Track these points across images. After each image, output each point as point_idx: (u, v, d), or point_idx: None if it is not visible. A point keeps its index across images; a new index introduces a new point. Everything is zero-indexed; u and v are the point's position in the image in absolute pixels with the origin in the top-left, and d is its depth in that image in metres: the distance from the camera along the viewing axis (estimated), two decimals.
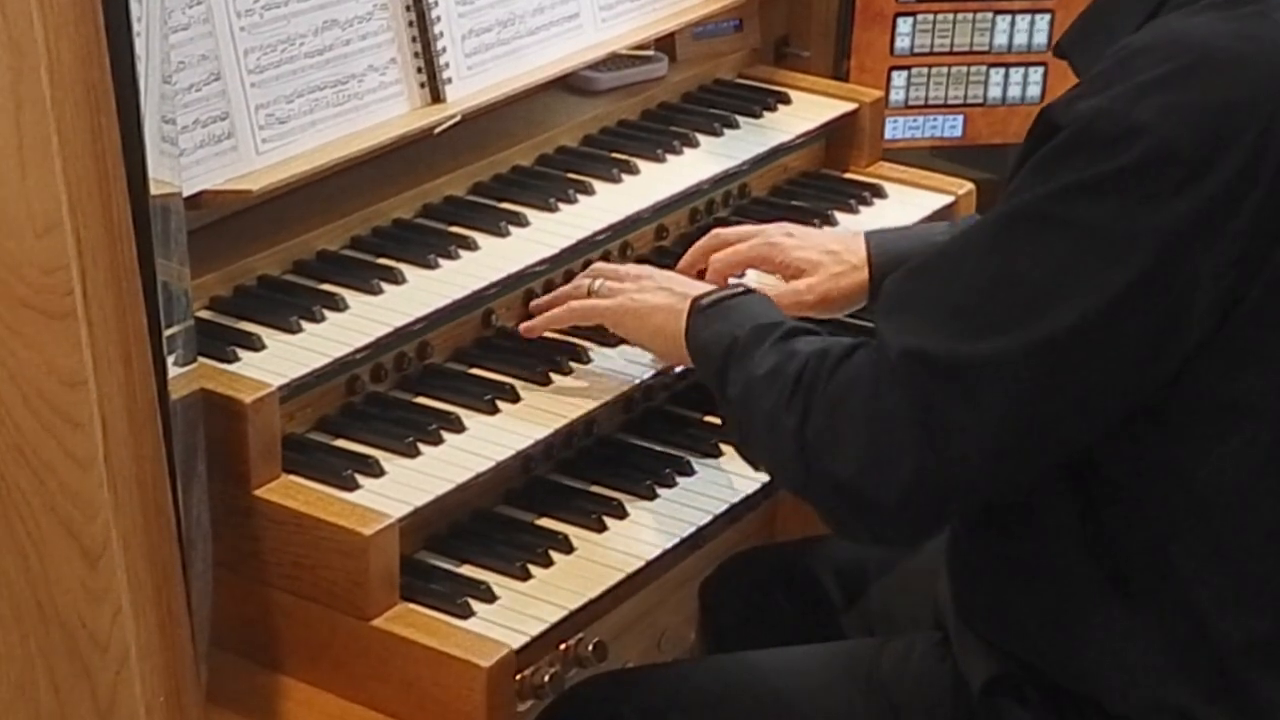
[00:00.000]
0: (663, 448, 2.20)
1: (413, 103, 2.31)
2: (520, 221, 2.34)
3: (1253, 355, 1.68)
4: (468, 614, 1.93)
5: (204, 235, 2.14)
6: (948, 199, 2.65)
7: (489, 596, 1.96)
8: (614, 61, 2.64)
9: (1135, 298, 1.64)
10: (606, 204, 2.41)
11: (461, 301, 2.20)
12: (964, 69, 3.03)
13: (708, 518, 2.09)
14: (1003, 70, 3.05)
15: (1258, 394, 1.69)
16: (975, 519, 1.85)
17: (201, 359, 1.96)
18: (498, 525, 2.08)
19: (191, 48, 2.07)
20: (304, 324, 2.11)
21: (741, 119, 2.66)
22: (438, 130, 2.33)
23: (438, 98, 2.32)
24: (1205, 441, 1.70)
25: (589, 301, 2.14)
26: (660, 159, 2.52)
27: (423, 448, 2.05)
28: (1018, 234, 1.69)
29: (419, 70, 2.31)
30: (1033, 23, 3.02)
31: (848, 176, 2.71)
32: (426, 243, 2.27)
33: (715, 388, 1.93)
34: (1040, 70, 3.04)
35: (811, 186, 2.67)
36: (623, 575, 2.00)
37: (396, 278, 2.20)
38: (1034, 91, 3.05)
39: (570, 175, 2.46)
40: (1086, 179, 1.64)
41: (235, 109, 2.12)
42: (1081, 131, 1.65)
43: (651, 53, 2.71)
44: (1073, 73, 1.83)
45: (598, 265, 2.22)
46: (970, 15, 3.01)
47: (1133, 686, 1.78)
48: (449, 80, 2.32)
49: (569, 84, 2.62)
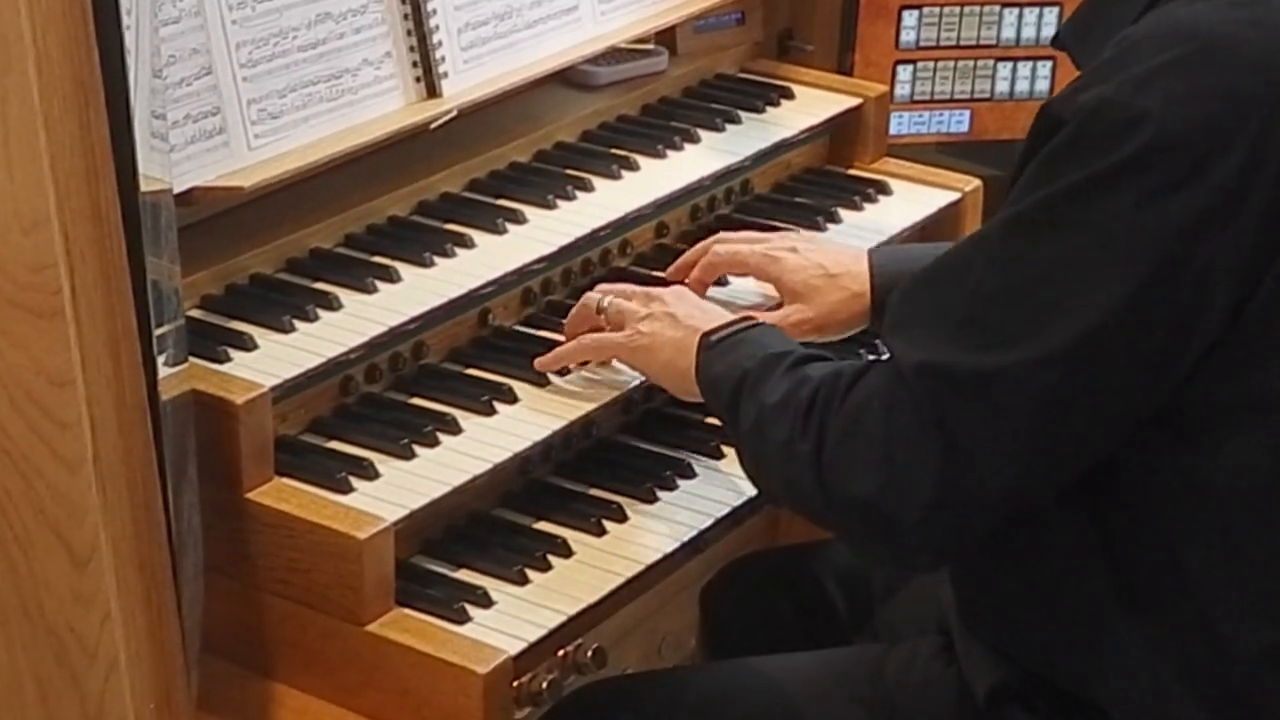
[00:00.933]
0: (663, 450, 2.20)
1: (408, 98, 2.31)
2: (518, 219, 2.34)
3: (1262, 353, 1.67)
4: (464, 619, 1.93)
5: (195, 232, 2.14)
6: (954, 196, 2.65)
7: (486, 601, 1.96)
8: (613, 55, 2.64)
9: (1151, 294, 1.64)
10: (606, 201, 2.41)
11: (458, 300, 2.20)
12: (971, 63, 3.03)
13: (709, 521, 2.09)
14: (1010, 64, 3.04)
15: (1269, 392, 1.68)
16: None
17: (192, 359, 1.96)
18: (495, 529, 2.08)
19: (182, 41, 2.07)
20: (297, 323, 2.11)
21: (744, 114, 2.66)
22: (434, 126, 2.33)
23: (433, 92, 2.32)
24: (1215, 443, 1.70)
25: (598, 336, 2.14)
26: (661, 155, 2.52)
27: (418, 450, 2.05)
28: (1026, 237, 1.68)
29: (414, 64, 2.31)
30: (1041, 16, 3.02)
31: (852, 173, 2.71)
32: (422, 241, 2.27)
33: (727, 422, 1.94)
34: (1049, 64, 3.04)
35: (815, 183, 2.67)
36: (622, 580, 2.00)
37: (391, 276, 2.20)
38: (1042, 86, 3.05)
39: (569, 172, 2.46)
40: (1092, 175, 1.64)
41: (227, 104, 2.12)
42: (1084, 124, 1.65)
43: (652, 46, 2.71)
44: (1073, 65, 1.83)
45: (602, 286, 2.20)
46: (977, 8, 3.01)
47: (1141, 696, 1.78)
48: (445, 75, 2.32)
49: (567, 78, 2.62)
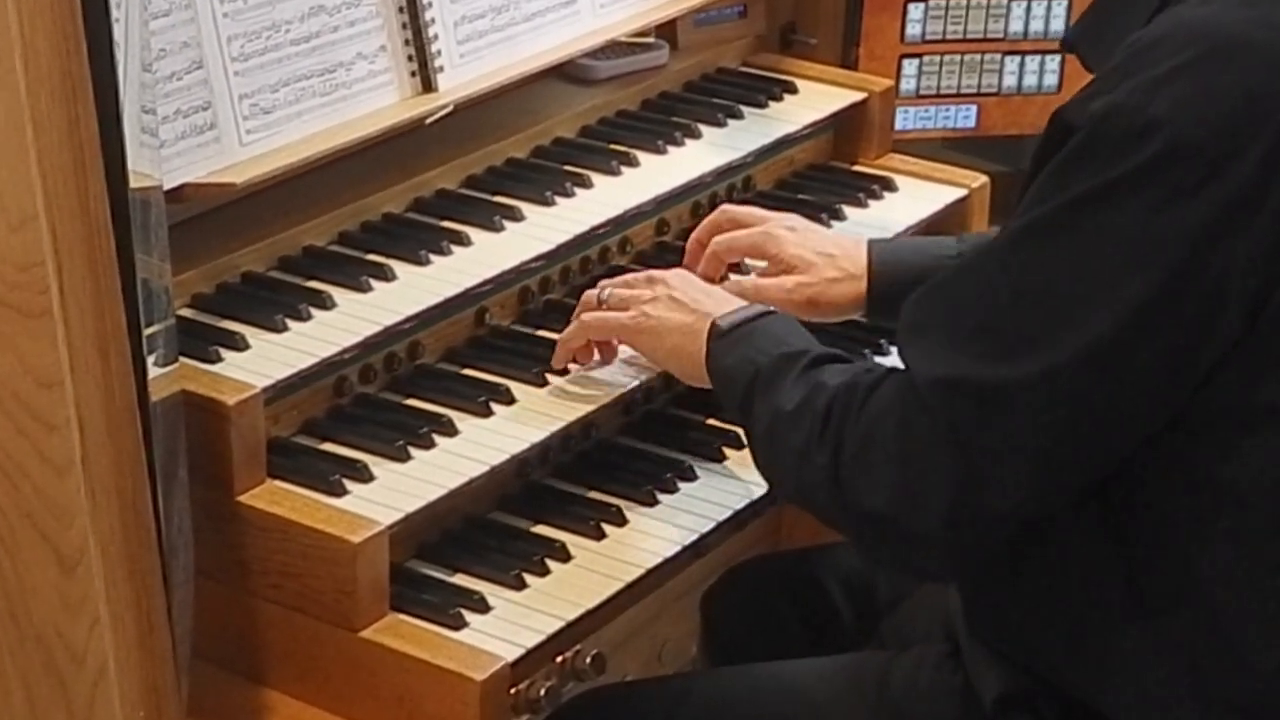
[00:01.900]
0: (664, 451, 2.20)
1: (403, 92, 2.31)
2: (515, 216, 2.34)
3: (1276, 359, 1.67)
4: (460, 625, 1.93)
5: (185, 230, 2.14)
6: (960, 192, 2.65)
7: (483, 607, 1.96)
8: (613, 49, 2.64)
9: (1167, 301, 1.64)
10: (605, 197, 2.41)
11: (454, 300, 2.20)
12: (978, 57, 3.03)
13: (711, 525, 2.09)
14: (1018, 58, 3.05)
15: None
16: None
17: (183, 359, 1.96)
18: (492, 532, 2.08)
19: (173, 34, 2.07)
20: (290, 323, 2.11)
21: (746, 109, 2.66)
22: (429, 121, 2.33)
23: (429, 87, 2.32)
24: (1231, 449, 1.70)
25: (601, 314, 2.13)
26: (661, 151, 2.52)
27: (414, 452, 2.05)
28: (1039, 246, 1.69)
29: (410, 58, 2.31)
30: (1049, 8, 3.02)
31: (856, 169, 2.71)
32: (417, 238, 2.27)
33: (739, 419, 1.95)
34: (1057, 58, 3.04)
35: (818, 179, 2.67)
36: (622, 585, 2.00)
37: (386, 274, 2.20)
38: (1050, 80, 3.06)
39: (567, 168, 2.46)
40: (1105, 182, 1.64)
41: (218, 98, 2.12)
42: (1096, 131, 1.66)
43: (652, 40, 2.71)
44: (1083, 66, 1.83)
45: (604, 282, 2.20)
46: (984, 1, 3.01)
47: (1152, 707, 1.78)
48: (441, 69, 2.32)
49: (566, 73, 2.62)
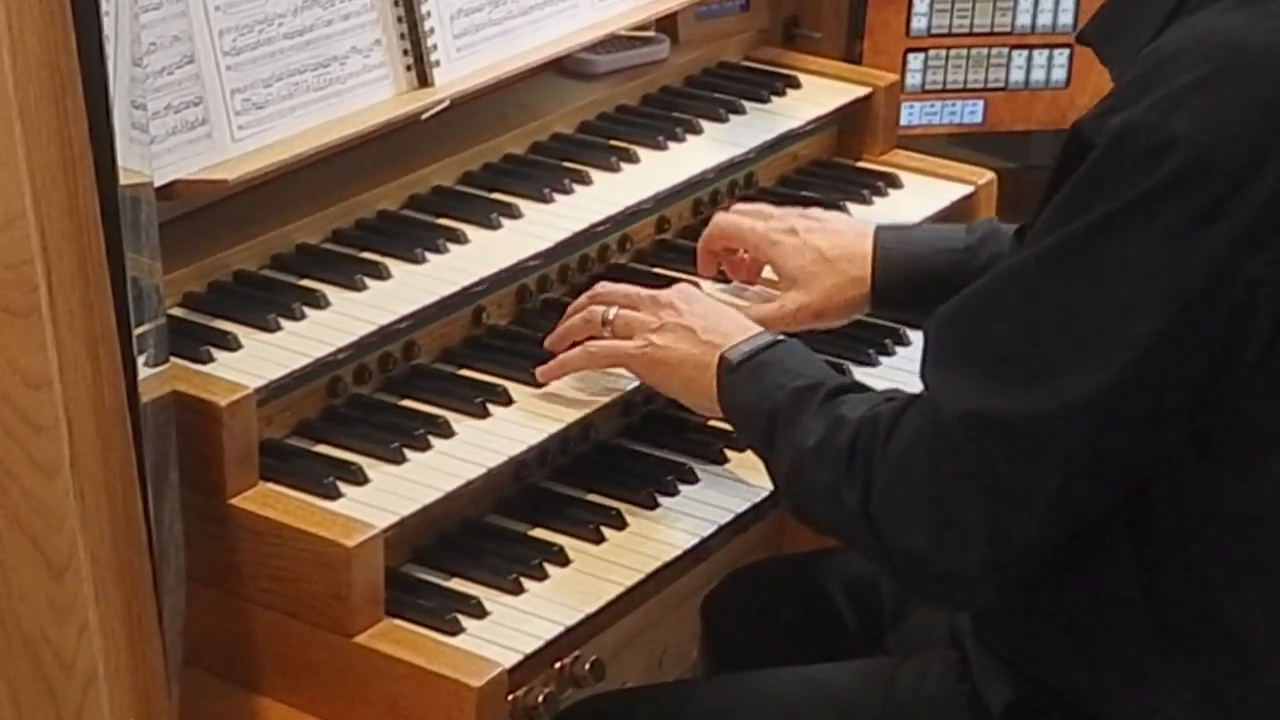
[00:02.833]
0: (664, 453, 2.20)
1: (398, 87, 2.31)
2: (513, 213, 2.34)
3: None
4: (457, 630, 1.93)
5: (176, 227, 2.14)
6: (967, 189, 2.65)
7: (479, 612, 1.96)
8: (612, 43, 2.64)
9: (1194, 322, 1.65)
10: (605, 195, 2.41)
11: (450, 298, 2.20)
12: (985, 51, 3.03)
13: (712, 528, 2.09)
14: (1026, 52, 3.05)
15: None
16: None
17: (174, 359, 1.96)
18: (489, 536, 2.08)
19: (163, 28, 2.07)
20: (283, 322, 2.11)
21: (748, 104, 2.66)
22: (425, 116, 2.33)
23: (425, 81, 2.32)
24: (1254, 467, 1.71)
25: (611, 344, 2.11)
26: (662, 147, 2.52)
27: (409, 454, 2.05)
28: (1062, 272, 1.69)
29: (405, 52, 2.31)
30: (1057, 2, 3.02)
31: (861, 165, 2.71)
32: (413, 236, 2.27)
33: (761, 456, 1.96)
34: (1065, 52, 3.04)
35: (822, 176, 2.67)
36: (622, 589, 2.01)
37: (381, 273, 2.20)
38: (1059, 75, 3.06)
39: (566, 164, 2.46)
40: (1126, 203, 1.64)
41: (210, 93, 2.12)
42: (1114, 148, 1.66)
43: (652, 34, 2.71)
44: (1099, 60, 1.83)
45: (601, 287, 2.19)
46: None
47: None
48: (437, 63, 2.32)
49: (565, 67, 2.62)
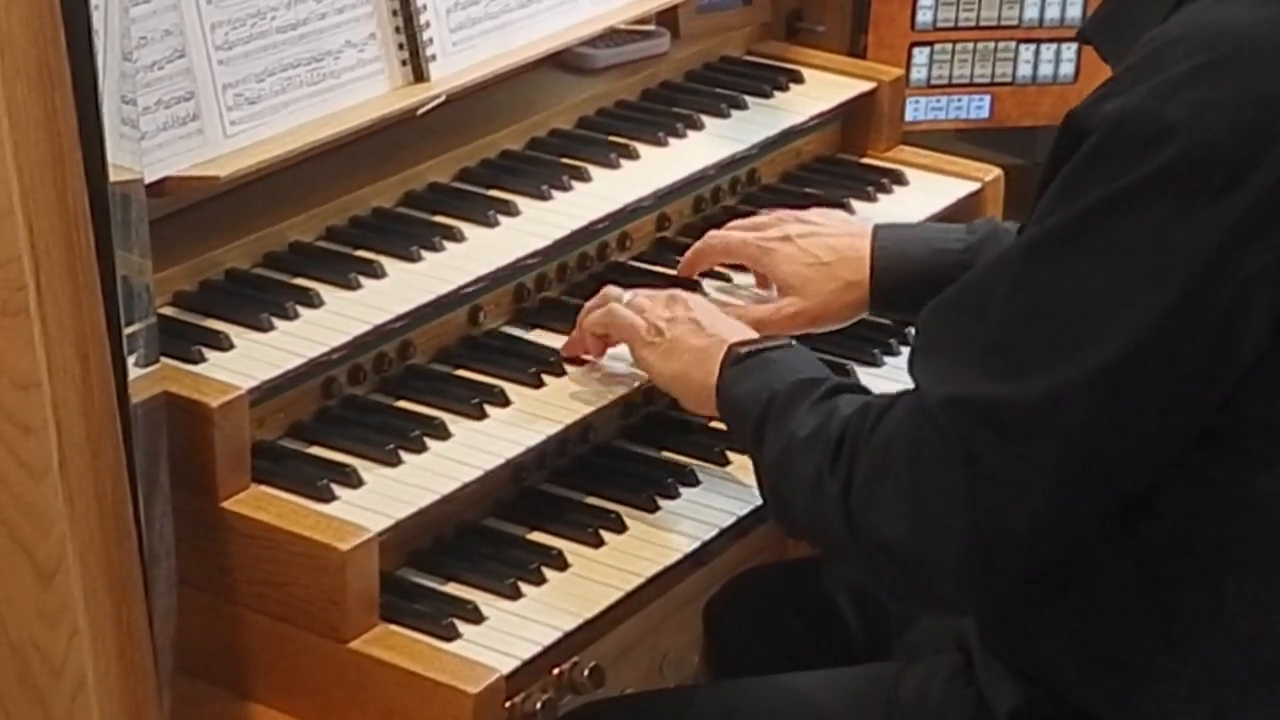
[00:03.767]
0: (665, 455, 2.20)
1: (394, 82, 2.31)
2: (510, 210, 2.34)
3: None
4: (453, 636, 1.93)
5: (167, 225, 2.14)
6: (973, 186, 2.65)
7: (476, 617, 1.96)
8: (612, 37, 2.64)
9: (1188, 314, 1.64)
10: (604, 191, 2.41)
11: (446, 297, 2.20)
12: (991, 45, 3.03)
13: (714, 531, 2.09)
14: (1033, 46, 3.05)
15: None
16: None
17: (164, 359, 1.96)
18: (486, 539, 2.08)
19: (154, 22, 2.07)
20: (276, 321, 2.11)
21: (750, 99, 2.66)
22: (421, 112, 2.34)
23: (421, 76, 2.32)
24: (1260, 466, 1.70)
25: (631, 315, 2.11)
26: (662, 143, 2.52)
27: (404, 456, 2.05)
28: (1052, 258, 1.69)
29: (400, 47, 2.31)
30: None
31: (865, 161, 2.71)
32: (408, 233, 2.28)
33: (749, 446, 1.94)
34: (1073, 47, 3.04)
35: (826, 172, 2.67)
36: (621, 594, 2.01)
37: (376, 271, 2.20)
38: (1067, 70, 3.06)
39: (564, 160, 2.46)
40: (1120, 190, 1.64)
41: (201, 89, 2.12)
42: (1110, 135, 1.65)
43: (652, 27, 2.71)
44: (1100, 58, 1.83)
45: (612, 290, 2.19)
46: None
47: None
48: (433, 57, 2.33)
49: (563, 61, 2.62)
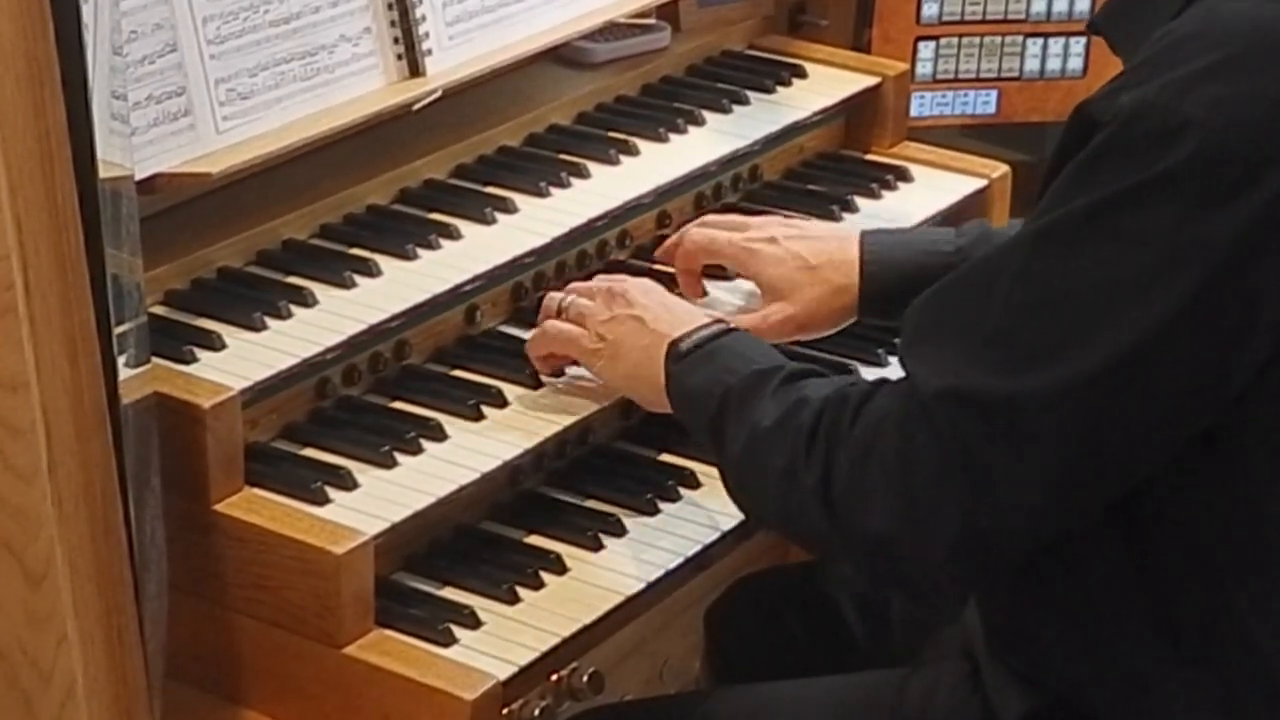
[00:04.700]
0: (665, 457, 2.20)
1: (389, 77, 2.31)
2: (508, 208, 2.34)
3: None
4: (449, 641, 1.93)
5: (158, 223, 2.14)
6: (980, 183, 2.65)
7: (473, 622, 1.96)
8: (611, 31, 2.64)
9: (1193, 316, 1.63)
10: (603, 188, 2.41)
11: (442, 296, 2.20)
12: (998, 39, 3.04)
13: (715, 535, 2.09)
14: (1041, 40, 3.05)
15: None
16: None
17: (155, 360, 1.96)
18: (483, 543, 2.08)
19: (144, 15, 2.07)
20: (269, 321, 2.11)
21: (752, 94, 2.66)
22: (416, 107, 2.34)
23: (416, 71, 2.32)
24: (1267, 468, 1.70)
25: (564, 327, 2.11)
26: (663, 139, 2.52)
27: (400, 458, 2.05)
28: (1060, 251, 1.67)
29: (396, 41, 2.31)
30: None
31: (869, 158, 2.71)
32: (404, 231, 2.28)
33: (709, 443, 1.92)
34: (1082, 41, 3.04)
35: (829, 169, 2.67)
36: (621, 599, 2.01)
37: (371, 270, 2.20)
38: (1075, 64, 3.06)
39: (563, 157, 2.46)
40: (1134, 185, 1.63)
41: (193, 83, 2.12)
42: (1123, 129, 1.64)
43: (653, 21, 2.71)
44: (1111, 50, 1.83)
45: (573, 286, 2.18)
46: None
47: None
48: (429, 52, 2.33)
49: (561, 56, 2.62)
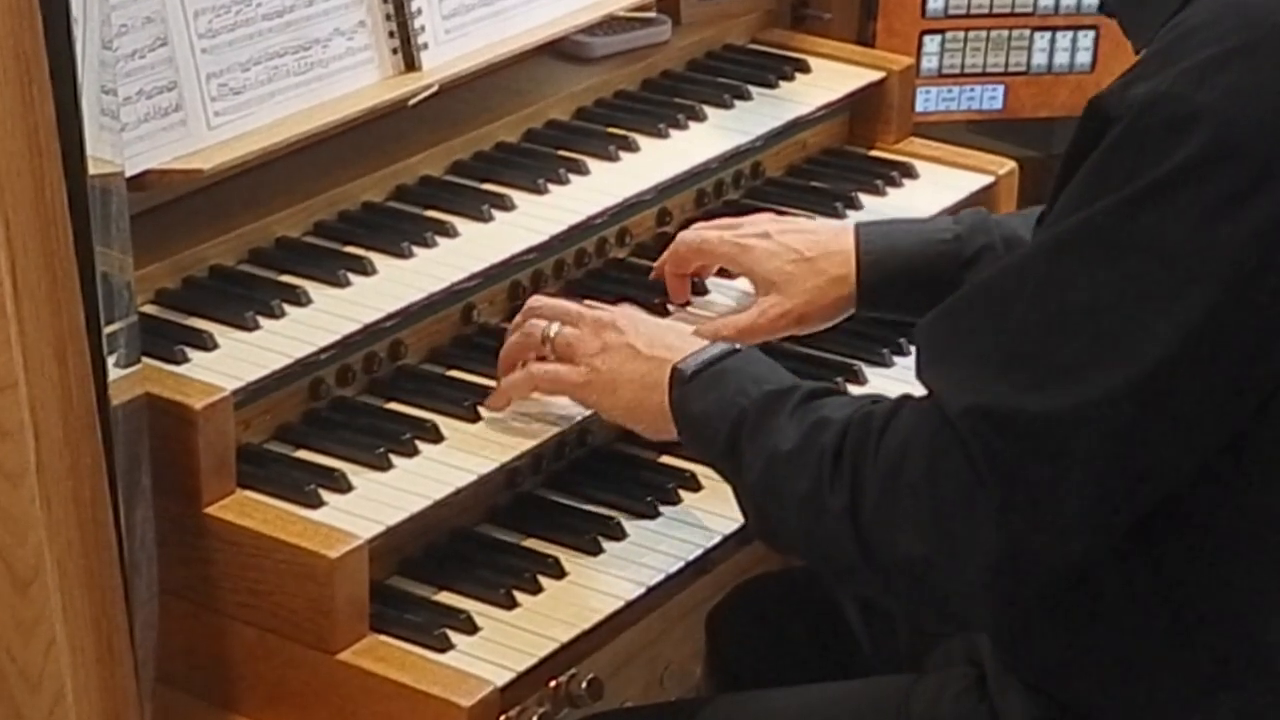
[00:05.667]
0: (666, 459, 2.20)
1: (384, 71, 2.31)
2: (505, 205, 2.34)
3: None
4: (446, 647, 1.93)
5: (149, 220, 2.14)
6: (986, 179, 2.65)
7: (470, 627, 1.96)
8: (611, 25, 2.64)
9: (1226, 317, 1.62)
10: (602, 185, 2.41)
11: (439, 295, 2.20)
12: (1005, 33, 3.03)
13: (716, 539, 2.09)
14: (1049, 34, 3.05)
15: None
16: None
17: (146, 360, 1.96)
18: (480, 547, 2.08)
19: (135, 9, 2.07)
20: (261, 320, 2.11)
21: (754, 89, 2.66)
22: (412, 102, 2.34)
23: (412, 65, 2.32)
24: None
25: (553, 369, 2.07)
26: (663, 134, 2.52)
27: (395, 460, 2.05)
28: (1079, 259, 1.66)
29: (391, 35, 2.31)
30: None
31: (874, 154, 2.71)
32: (399, 229, 2.28)
33: (724, 469, 1.90)
34: (1091, 34, 3.04)
35: (833, 165, 2.67)
36: (621, 603, 2.01)
37: (365, 268, 2.20)
38: (1083, 58, 3.06)
39: (561, 153, 2.46)
40: (1149, 185, 1.62)
41: (184, 78, 2.12)
42: (1137, 122, 1.63)
43: (653, 14, 2.71)
44: (1122, 33, 1.82)
45: (537, 300, 2.14)
46: None
47: None
48: (425, 46, 2.32)
49: (560, 50, 2.62)
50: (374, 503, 2.00)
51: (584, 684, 1.98)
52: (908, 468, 1.72)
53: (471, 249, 2.27)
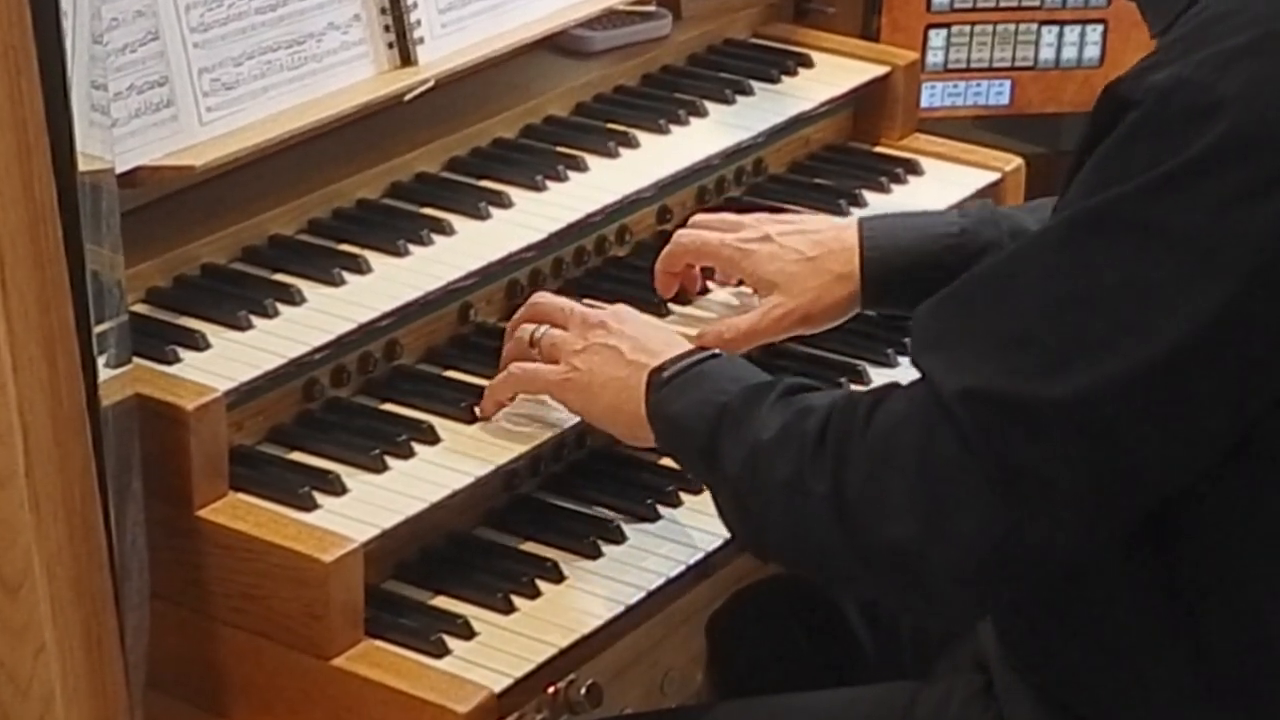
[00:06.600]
0: (666, 461, 2.20)
1: (379, 66, 2.31)
2: (503, 202, 2.34)
3: None
4: (442, 652, 1.93)
5: (140, 218, 2.14)
6: (993, 176, 2.65)
7: (466, 632, 1.96)
8: (610, 19, 2.64)
9: (1240, 309, 1.62)
10: (602, 182, 2.41)
11: (435, 294, 2.20)
12: (1012, 27, 3.03)
13: (718, 542, 2.09)
14: (1056, 28, 3.05)
15: None
16: None
17: (137, 360, 1.96)
18: (477, 550, 2.08)
19: (125, 2, 2.07)
20: (254, 320, 2.11)
21: (756, 84, 2.66)
22: (408, 97, 2.34)
23: (408, 60, 2.32)
24: None
25: (533, 369, 2.08)
26: (663, 130, 2.52)
27: (390, 462, 2.05)
28: (1091, 243, 1.65)
29: (386, 29, 2.31)
30: None
31: (878, 150, 2.71)
32: (395, 226, 2.28)
33: (702, 468, 1.90)
34: (1099, 29, 3.04)
35: (836, 162, 2.67)
36: (620, 608, 2.01)
37: (360, 266, 2.20)
38: (1092, 53, 3.06)
39: (560, 149, 2.46)
40: (1167, 171, 1.62)
41: (176, 73, 2.12)
42: (1156, 108, 1.63)
43: (653, 8, 2.71)
44: (1141, 17, 1.82)
45: (540, 297, 2.16)
46: None
47: None
48: (421, 40, 2.32)
49: (559, 44, 2.62)
50: (369, 505, 2.00)
51: (583, 690, 1.98)
52: (898, 450, 1.71)
53: (469, 247, 2.27)
